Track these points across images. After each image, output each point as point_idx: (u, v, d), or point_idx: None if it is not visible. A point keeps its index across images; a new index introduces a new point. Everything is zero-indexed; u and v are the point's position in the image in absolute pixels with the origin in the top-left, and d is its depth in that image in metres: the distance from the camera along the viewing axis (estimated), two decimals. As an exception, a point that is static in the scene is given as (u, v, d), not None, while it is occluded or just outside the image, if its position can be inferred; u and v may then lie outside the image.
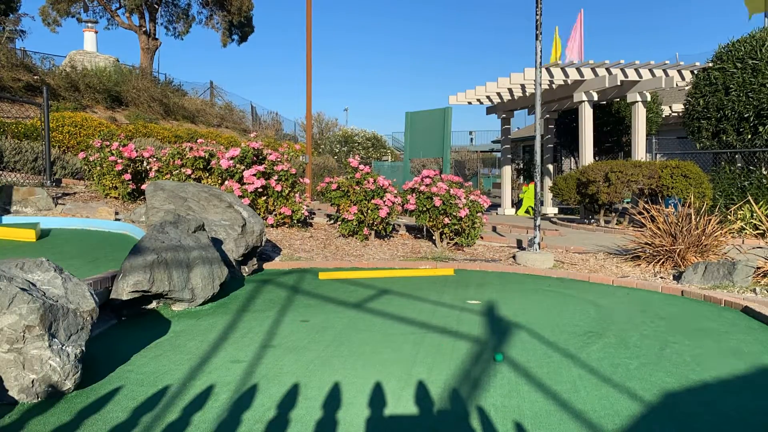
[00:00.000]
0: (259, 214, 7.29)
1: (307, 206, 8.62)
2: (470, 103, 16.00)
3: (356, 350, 3.42)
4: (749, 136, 10.69)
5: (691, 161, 10.70)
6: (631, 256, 7.00)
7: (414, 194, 7.79)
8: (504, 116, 16.79)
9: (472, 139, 43.42)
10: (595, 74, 12.88)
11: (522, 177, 24.22)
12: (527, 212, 15.75)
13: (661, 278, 6.08)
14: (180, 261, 4.22)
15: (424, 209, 7.65)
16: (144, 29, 25.50)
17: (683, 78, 12.88)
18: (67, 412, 2.49)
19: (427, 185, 7.71)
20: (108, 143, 8.50)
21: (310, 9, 12.62)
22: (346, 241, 7.65)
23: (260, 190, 7.63)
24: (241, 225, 5.64)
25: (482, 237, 8.66)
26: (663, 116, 17.50)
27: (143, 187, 7.25)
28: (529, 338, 3.73)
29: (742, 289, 5.39)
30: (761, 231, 8.84)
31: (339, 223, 7.91)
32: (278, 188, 7.62)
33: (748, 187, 10.45)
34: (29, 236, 5.73)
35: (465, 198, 7.72)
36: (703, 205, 8.35)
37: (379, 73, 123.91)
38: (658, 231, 6.74)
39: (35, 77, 16.53)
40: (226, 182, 7.64)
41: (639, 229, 7.44)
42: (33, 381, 2.58)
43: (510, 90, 15.13)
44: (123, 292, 3.87)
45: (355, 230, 7.76)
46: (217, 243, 5.26)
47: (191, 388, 2.79)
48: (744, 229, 9.02)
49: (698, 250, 6.52)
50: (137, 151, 8.51)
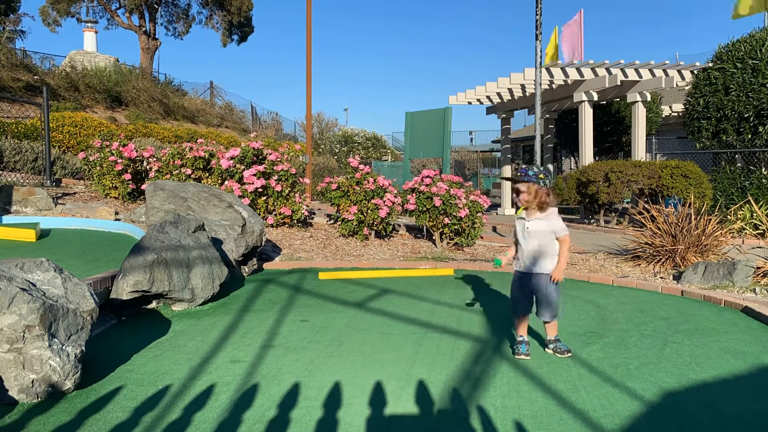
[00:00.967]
0: (259, 214, 7.29)
1: (307, 206, 8.61)
2: (470, 103, 16.01)
3: (356, 350, 3.42)
4: (749, 136, 10.69)
5: (691, 161, 10.71)
6: (631, 256, 7.00)
7: (414, 194, 7.79)
8: (504, 116, 16.80)
9: (472, 139, 43.46)
10: (595, 74, 12.88)
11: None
12: (527, 212, 15.72)
13: (661, 278, 6.08)
14: (180, 261, 4.22)
15: (424, 209, 7.64)
16: (144, 29, 25.52)
17: (683, 78, 12.89)
18: (67, 412, 2.49)
19: (427, 185, 7.70)
20: (108, 143, 8.50)
21: (310, 9, 12.62)
22: (346, 241, 7.65)
23: (260, 190, 7.62)
24: (241, 225, 5.64)
25: (482, 237, 8.66)
26: (663, 116, 17.50)
27: (143, 187, 7.24)
28: (529, 338, 3.72)
29: (742, 289, 5.39)
30: (761, 231, 8.84)
31: (339, 223, 7.91)
32: (278, 188, 7.62)
33: (748, 187, 10.46)
34: (29, 236, 5.73)
35: (465, 198, 7.72)
36: (703, 205, 8.35)
37: (379, 74, 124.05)
38: (658, 231, 6.73)
39: (35, 77, 16.54)
40: (226, 182, 7.63)
41: (639, 229, 7.43)
42: (33, 381, 2.58)
43: (510, 90, 15.13)
44: (123, 292, 3.87)
45: (355, 230, 7.75)
46: (217, 243, 5.26)
47: (191, 388, 2.79)
48: (744, 229, 9.01)
49: (698, 250, 6.52)
50: (137, 151, 8.50)
